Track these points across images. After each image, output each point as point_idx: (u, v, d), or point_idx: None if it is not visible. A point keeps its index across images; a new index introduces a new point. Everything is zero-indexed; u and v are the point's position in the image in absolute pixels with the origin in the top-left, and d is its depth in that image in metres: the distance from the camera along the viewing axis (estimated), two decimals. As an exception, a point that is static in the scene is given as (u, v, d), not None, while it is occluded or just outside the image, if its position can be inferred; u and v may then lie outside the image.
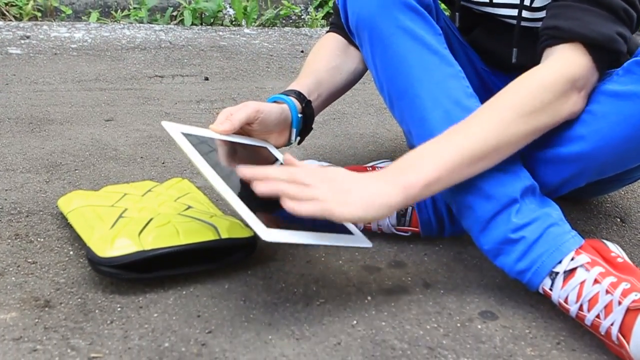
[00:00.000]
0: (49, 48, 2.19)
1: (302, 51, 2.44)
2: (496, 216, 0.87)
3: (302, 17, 3.11)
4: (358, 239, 0.90)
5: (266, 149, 1.00)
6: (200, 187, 1.12)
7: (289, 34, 2.71)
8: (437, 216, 1.03)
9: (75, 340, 0.78)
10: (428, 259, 1.02)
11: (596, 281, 0.80)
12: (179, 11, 2.82)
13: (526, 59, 0.96)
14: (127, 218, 0.93)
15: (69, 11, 2.73)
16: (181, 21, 2.74)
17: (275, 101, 1.02)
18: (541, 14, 0.99)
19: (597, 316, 0.79)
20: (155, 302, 0.86)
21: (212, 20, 2.82)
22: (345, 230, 0.90)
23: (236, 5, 2.85)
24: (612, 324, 0.78)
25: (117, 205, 0.98)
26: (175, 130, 0.88)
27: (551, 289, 0.84)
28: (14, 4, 2.64)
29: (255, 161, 0.98)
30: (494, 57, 1.11)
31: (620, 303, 0.77)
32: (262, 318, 0.84)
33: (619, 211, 1.24)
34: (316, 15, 3.05)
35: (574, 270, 0.83)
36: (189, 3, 2.80)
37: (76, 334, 0.79)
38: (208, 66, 2.14)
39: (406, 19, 0.94)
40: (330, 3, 3.12)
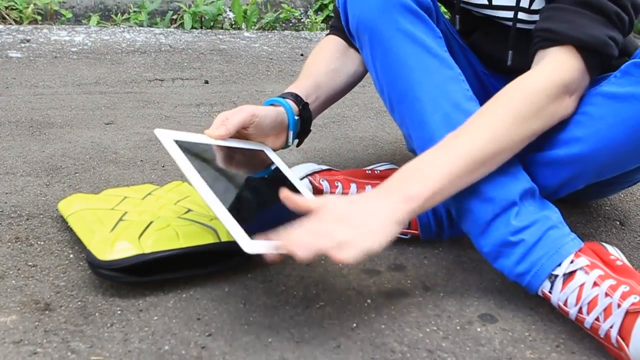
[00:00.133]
0: (49, 51, 2.20)
1: (301, 54, 2.44)
2: (495, 219, 0.87)
3: (302, 20, 3.11)
4: None
5: (263, 152, 1.00)
6: (200, 190, 1.12)
7: (288, 37, 2.72)
8: (436, 219, 1.03)
9: (75, 343, 0.78)
10: (427, 262, 1.02)
11: (595, 284, 0.81)
12: (179, 15, 2.83)
13: (521, 61, 0.96)
14: (127, 221, 0.93)
15: (69, 15, 2.74)
16: (181, 25, 2.75)
17: (272, 104, 1.02)
18: (538, 17, 1.00)
19: (597, 319, 0.79)
20: (155, 305, 0.86)
21: (212, 24, 2.83)
22: None
23: (236, 8, 2.85)
24: (611, 327, 0.78)
25: (117, 209, 0.99)
26: (168, 137, 0.87)
27: (550, 292, 0.84)
28: (14, 7, 2.65)
29: (251, 165, 0.98)
30: (492, 59, 1.12)
31: (619, 306, 0.77)
32: (262, 321, 0.84)
33: (618, 214, 1.25)
34: (316, 19, 3.06)
35: (573, 273, 0.83)
36: (189, 6, 2.80)
37: (76, 337, 0.79)
38: (208, 69, 2.15)
39: (406, 22, 0.94)
40: (330, 7, 3.12)
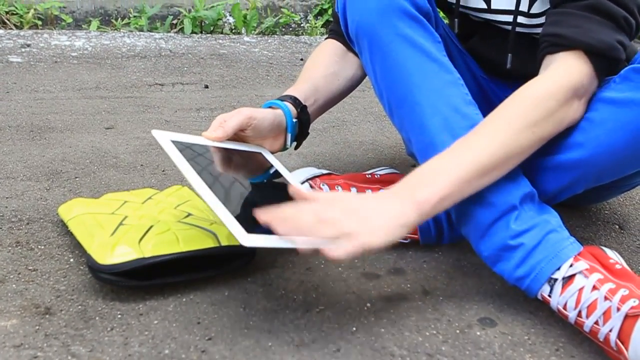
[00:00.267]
0: (49, 56, 2.20)
1: (301, 59, 2.45)
2: (495, 223, 0.87)
3: (302, 25, 3.12)
4: None
5: (261, 154, 1.00)
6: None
7: (288, 42, 2.72)
8: (436, 223, 1.03)
9: (75, 347, 0.78)
10: (427, 266, 1.02)
11: (595, 288, 0.81)
12: (179, 19, 2.83)
13: (520, 64, 0.96)
14: (127, 225, 0.93)
15: (70, 19, 2.75)
16: (181, 29, 2.75)
17: (270, 106, 1.02)
18: (537, 20, 1.00)
19: (596, 322, 0.80)
20: (156, 309, 0.86)
21: (212, 29, 2.83)
22: None
23: (236, 13, 2.86)
24: (610, 330, 0.78)
25: (117, 213, 0.99)
26: (165, 138, 0.88)
27: (550, 296, 0.84)
28: (14, 12, 2.65)
29: (250, 167, 0.98)
30: (491, 64, 1.12)
31: (618, 309, 0.77)
32: (261, 325, 0.84)
33: (617, 218, 1.25)
34: (316, 24, 3.06)
35: (572, 276, 0.83)
36: (189, 11, 2.81)
37: (76, 340, 0.79)
38: (208, 74, 2.15)
39: (405, 26, 0.94)
40: (330, 11, 3.13)
